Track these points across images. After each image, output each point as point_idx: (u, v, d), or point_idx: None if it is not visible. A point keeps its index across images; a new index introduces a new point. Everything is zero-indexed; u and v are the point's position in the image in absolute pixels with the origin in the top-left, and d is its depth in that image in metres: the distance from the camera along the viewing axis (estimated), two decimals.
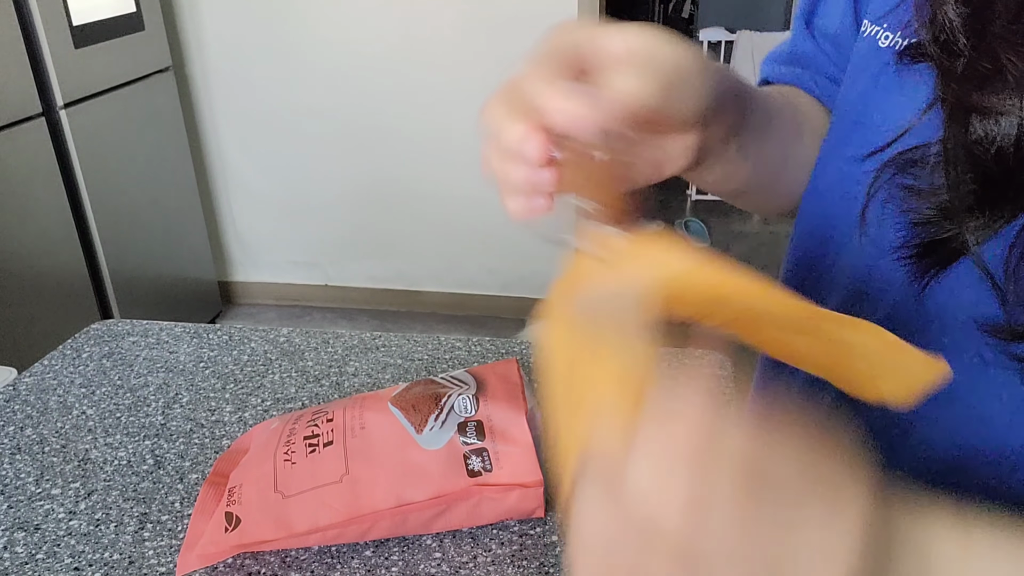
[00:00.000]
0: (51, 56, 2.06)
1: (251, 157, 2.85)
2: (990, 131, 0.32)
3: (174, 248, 2.64)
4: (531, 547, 0.62)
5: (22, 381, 0.87)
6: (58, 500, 0.69)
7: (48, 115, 2.10)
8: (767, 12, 3.34)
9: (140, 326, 0.98)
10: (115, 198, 2.33)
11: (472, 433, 0.61)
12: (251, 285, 3.07)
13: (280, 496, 0.60)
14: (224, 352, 0.92)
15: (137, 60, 2.41)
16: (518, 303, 2.89)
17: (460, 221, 2.80)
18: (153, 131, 2.50)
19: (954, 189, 0.34)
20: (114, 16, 2.28)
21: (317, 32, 2.61)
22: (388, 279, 2.96)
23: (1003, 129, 0.32)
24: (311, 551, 0.62)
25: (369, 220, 2.87)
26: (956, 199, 0.34)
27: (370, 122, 2.72)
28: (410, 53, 2.60)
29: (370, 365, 0.88)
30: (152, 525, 0.66)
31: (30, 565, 0.62)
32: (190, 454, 0.75)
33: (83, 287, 2.24)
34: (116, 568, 0.61)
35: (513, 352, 0.90)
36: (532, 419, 0.62)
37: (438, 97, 2.64)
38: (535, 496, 0.62)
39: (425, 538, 0.63)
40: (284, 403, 0.82)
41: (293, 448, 0.63)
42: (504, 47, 2.54)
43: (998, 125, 0.32)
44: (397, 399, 0.65)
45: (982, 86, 0.33)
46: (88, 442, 0.77)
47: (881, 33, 0.42)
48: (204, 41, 2.70)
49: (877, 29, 0.43)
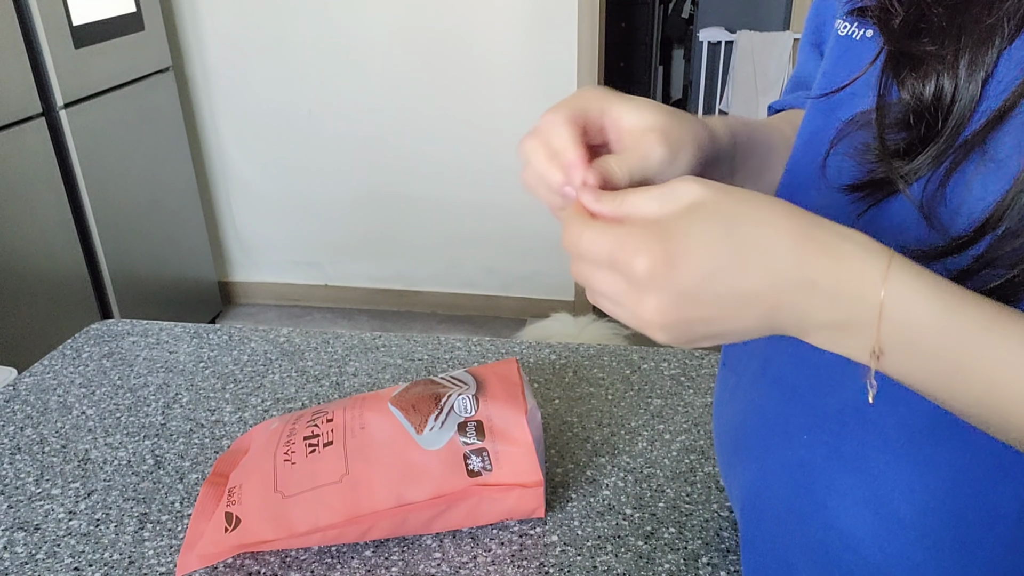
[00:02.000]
0: (51, 56, 2.06)
1: (251, 157, 2.85)
2: (919, 81, 0.37)
3: (174, 248, 2.64)
4: (531, 547, 0.62)
5: (22, 381, 0.87)
6: (58, 500, 0.69)
7: (48, 115, 2.10)
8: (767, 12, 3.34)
9: (140, 326, 0.98)
10: (115, 198, 2.33)
11: (472, 433, 0.61)
12: (251, 285, 3.07)
13: (280, 496, 0.60)
14: (224, 352, 0.92)
15: (137, 60, 2.41)
16: (518, 303, 2.89)
17: (460, 221, 2.80)
18: (153, 131, 2.50)
19: (885, 135, 0.39)
20: (114, 16, 2.28)
21: (317, 32, 2.61)
22: (388, 279, 2.96)
23: (930, 79, 0.37)
24: (311, 551, 0.62)
25: (369, 220, 2.87)
26: (887, 145, 0.39)
27: (370, 122, 2.72)
28: (410, 53, 2.60)
29: (370, 365, 0.88)
30: (152, 525, 0.66)
31: (30, 565, 0.62)
32: (190, 454, 0.75)
33: (83, 287, 2.24)
34: (116, 568, 0.61)
35: (513, 352, 0.90)
36: (532, 419, 0.62)
37: (438, 97, 2.64)
38: (535, 496, 0.62)
39: (425, 538, 0.63)
40: (284, 403, 0.82)
41: (293, 448, 0.63)
42: (504, 48, 2.54)
43: (926, 75, 0.37)
44: (397, 399, 0.65)
45: (913, 37, 0.38)
46: (88, 442, 0.77)
47: (841, 23, 0.48)
48: (204, 41, 2.70)
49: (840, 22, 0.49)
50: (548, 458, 0.72)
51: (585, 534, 0.63)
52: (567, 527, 0.64)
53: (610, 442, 0.74)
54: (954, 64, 0.36)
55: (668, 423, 0.77)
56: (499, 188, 2.73)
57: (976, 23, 0.35)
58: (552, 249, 2.79)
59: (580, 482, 0.69)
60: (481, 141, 2.68)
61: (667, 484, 0.69)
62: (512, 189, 2.73)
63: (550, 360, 0.88)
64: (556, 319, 1.91)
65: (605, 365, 0.87)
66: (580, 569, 0.60)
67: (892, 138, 0.39)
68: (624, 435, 0.75)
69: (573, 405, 0.80)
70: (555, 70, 2.54)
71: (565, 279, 2.84)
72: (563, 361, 0.88)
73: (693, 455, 0.72)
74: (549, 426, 0.77)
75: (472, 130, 2.67)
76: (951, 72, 0.36)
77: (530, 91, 2.58)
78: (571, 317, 1.91)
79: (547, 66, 2.54)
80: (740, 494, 0.52)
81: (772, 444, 0.48)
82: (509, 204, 2.75)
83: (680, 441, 0.74)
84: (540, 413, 0.66)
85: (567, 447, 0.74)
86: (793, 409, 0.46)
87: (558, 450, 0.74)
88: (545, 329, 1.88)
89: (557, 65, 2.53)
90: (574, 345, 0.91)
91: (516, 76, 2.57)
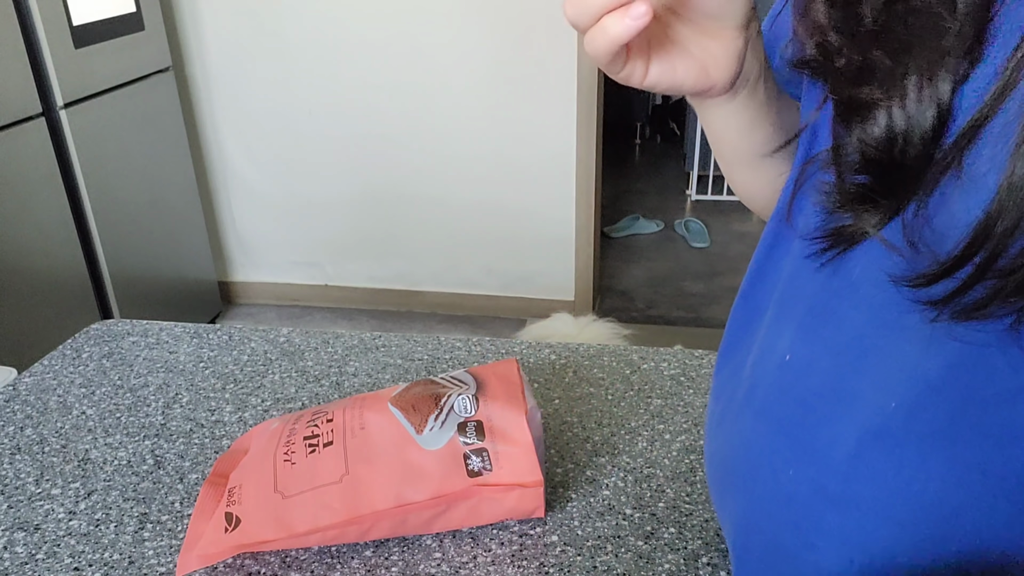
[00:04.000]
0: (51, 56, 2.06)
1: (251, 157, 2.85)
2: (868, 125, 0.36)
3: (174, 248, 2.64)
4: (531, 547, 0.62)
5: (22, 381, 0.87)
6: (58, 500, 0.69)
7: (48, 115, 2.10)
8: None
9: (140, 326, 0.98)
10: (115, 198, 2.33)
11: (472, 433, 0.61)
12: (251, 285, 3.07)
13: (280, 496, 0.60)
14: (224, 352, 0.92)
15: (137, 60, 2.41)
16: (518, 303, 2.89)
17: (460, 221, 2.81)
18: (153, 131, 2.50)
19: (842, 181, 0.38)
20: (114, 16, 2.28)
21: (317, 32, 2.62)
22: (388, 279, 2.96)
23: (879, 121, 0.35)
24: (311, 551, 0.62)
25: (369, 220, 2.87)
26: (845, 191, 0.38)
27: (370, 122, 2.72)
28: (410, 52, 2.60)
29: (370, 365, 0.88)
30: (152, 525, 0.66)
31: (30, 565, 0.62)
32: (190, 454, 0.75)
33: (83, 287, 2.24)
34: (116, 568, 0.61)
35: (513, 352, 0.90)
36: (532, 419, 0.62)
37: (438, 97, 2.64)
38: (535, 496, 0.62)
39: (425, 538, 0.63)
40: (284, 403, 0.82)
41: (293, 448, 0.63)
42: (504, 48, 2.54)
43: (874, 118, 0.35)
44: (397, 399, 0.65)
45: (857, 81, 0.36)
46: (88, 442, 0.77)
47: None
48: (204, 41, 2.70)
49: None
50: (548, 458, 0.72)
51: (585, 534, 0.63)
52: (567, 527, 0.64)
53: (610, 442, 0.74)
54: (903, 104, 0.35)
55: (668, 423, 0.77)
56: (499, 188, 2.74)
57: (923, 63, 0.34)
58: (552, 249, 2.79)
59: (580, 482, 0.69)
60: (481, 141, 2.68)
61: (667, 484, 0.69)
62: (512, 189, 2.73)
63: (550, 360, 0.88)
64: (556, 319, 1.91)
65: (605, 365, 0.87)
66: (580, 569, 0.60)
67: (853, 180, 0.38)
68: (624, 435, 0.75)
69: (573, 405, 0.80)
70: (555, 70, 2.54)
71: (565, 279, 2.84)
72: (563, 361, 0.88)
73: (693, 455, 0.72)
74: (549, 426, 0.77)
75: (472, 130, 2.67)
76: (901, 112, 0.35)
77: (530, 91, 2.59)
78: (571, 317, 1.91)
79: (547, 66, 2.54)
80: (730, 528, 0.51)
81: (759, 478, 0.46)
82: (509, 204, 2.75)
83: (680, 441, 0.74)
84: (540, 413, 0.66)
85: (567, 447, 0.74)
86: (778, 443, 0.45)
87: (558, 450, 0.74)
88: (545, 329, 1.88)
89: (557, 65, 2.53)
90: (574, 345, 0.91)
91: (516, 76, 2.57)
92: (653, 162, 4.65)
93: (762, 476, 0.46)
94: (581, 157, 2.65)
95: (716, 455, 0.52)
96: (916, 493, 0.38)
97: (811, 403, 0.42)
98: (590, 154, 2.64)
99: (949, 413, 0.36)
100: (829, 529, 0.41)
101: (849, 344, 0.40)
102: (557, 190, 2.71)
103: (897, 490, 0.38)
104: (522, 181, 2.72)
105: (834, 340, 0.41)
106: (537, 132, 2.64)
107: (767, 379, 0.46)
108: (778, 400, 0.45)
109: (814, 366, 0.42)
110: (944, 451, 0.37)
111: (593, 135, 2.61)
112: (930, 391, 0.37)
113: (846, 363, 0.40)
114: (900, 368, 0.38)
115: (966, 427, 0.36)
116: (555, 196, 2.71)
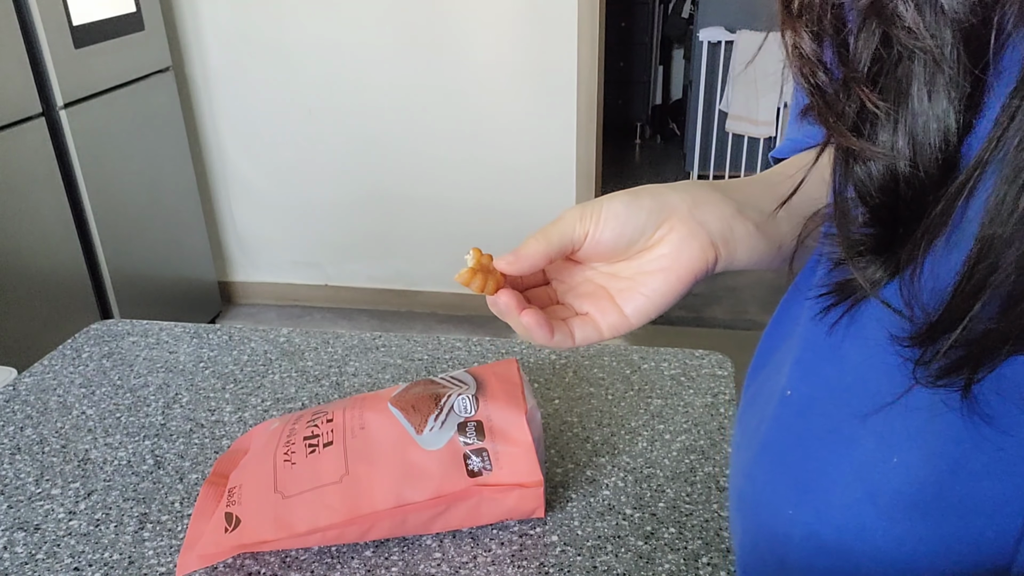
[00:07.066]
0: (51, 56, 2.06)
1: (251, 157, 2.85)
2: (867, 174, 0.34)
3: (174, 248, 2.64)
4: (531, 547, 0.62)
5: (22, 381, 0.87)
6: (58, 500, 0.69)
7: (48, 115, 2.10)
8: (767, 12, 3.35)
9: (140, 326, 0.98)
10: (115, 198, 2.33)
11: (472, 433, 0.61)
12: (251, 285, 3.07)
13: (280, 496, 0.60)
14: (224, 352, 0.92)
15: (137, 60, 2.41)
16: None
17: (460, 221, 2.81)
18: (153, 131, 2.50)
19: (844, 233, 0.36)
20: (114, 16, 2.28)
21: (317, 33, 2.61)
22: (388, 279, 2.96)
23: (877, 171, 0.34)
24: (311, 551, 0.62)
25: (369, 220, 2.87)
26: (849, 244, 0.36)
27: (370, 122, 2.72)
28: (410, 53, 2.60)
29: (370, 365, 0.88)
30: (152, 525, 0.66)
31: (30, 565, 0.62)
32: (190, 454, 0.75)
33: (83, 287, 2.24)
34: (116, 568, 0.61)
35: (513, 352, 0.90)
36: (532, 419, 0.62)
37: (438, 97, 2.64)
38: (535, 496, 0.62)
39: (425, 538, 0.63)
40: (284, 403, 0.82)
41: (293, 448, 0.63)
42: (504, 48, 2.54)
43: (873, 167, 0.34)
44: (397, 399, 0.65)
45: (854, 130, 0.35)
46: (88, 442, 0.77)
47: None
48: (204, 41, 2.70)
49: None
50: (548, 458, 0.72)
51: (585, 534, 0.63)
52: (567, 527, 0.64)
53: (610, 442, 0.74)
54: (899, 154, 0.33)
55: (668, 423, 0.77)
56: (499, 188, 2.74)
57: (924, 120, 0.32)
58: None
59: (580, 482, 0.69)
60: (481, 141, 2.68)
61: (667, 484, 0.69)
62: (512, 189, 2.73)
63: (550, 360, 0.88)
64: None
65: (605, 365, 0.87)
66: (580, 569, 0.60)
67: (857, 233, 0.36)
68: (624, 435, 0.75)
69: (573, 405, 0.80)
70: (555, 70, 2.54)
71: None
72: (563, 361, 0.88)
73: (693, 455, 0.72)
74: (549, 426, 0.77)
75: (472, 130, 2.67)
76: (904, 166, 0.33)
77: (530, 91, 2.59)
78: None
79: (547, 66, 2.54)
80: (737, 551, 0.51)
81: (761, 514, 0.45)
82: (509, 204, 2.75)
83: (680, 441, 0.74)
84: (540, 413, 0.66)
85: (567, 447, 0.74)
86: (779, 481, 0.43)
87: (558, 450, 0.74)
88: None
89: (557, 65, 2.53)
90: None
91: (516, 76, 2.57)
92: (653, 162, 4.65)
93: (764, 512, 0.45)
94: (581, 158, 2.65)
95: (733, 478, 0.51)
96: (907, 555, 0.37)
97: (811, 442, 0.41)
98: (590, 155, 2.64)
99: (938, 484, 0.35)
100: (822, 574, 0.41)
101: (851, 385, 0.38)
102: (557, 191, 2.71)
103: (887, 551, 0.37)
104: (522, 181, 2.72)
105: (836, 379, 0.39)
106: (537, 133, 2.64)
107: (770, 412, 0.45)
108: (780, 437, 0.44)
109: (814, 406, 0.41)
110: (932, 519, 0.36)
111: (593, 136, 2.61)
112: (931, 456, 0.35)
113: (846, 404, 0.38)
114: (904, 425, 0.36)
115: (954, 498, 0.35)
116: (555, 197, 2.71)
